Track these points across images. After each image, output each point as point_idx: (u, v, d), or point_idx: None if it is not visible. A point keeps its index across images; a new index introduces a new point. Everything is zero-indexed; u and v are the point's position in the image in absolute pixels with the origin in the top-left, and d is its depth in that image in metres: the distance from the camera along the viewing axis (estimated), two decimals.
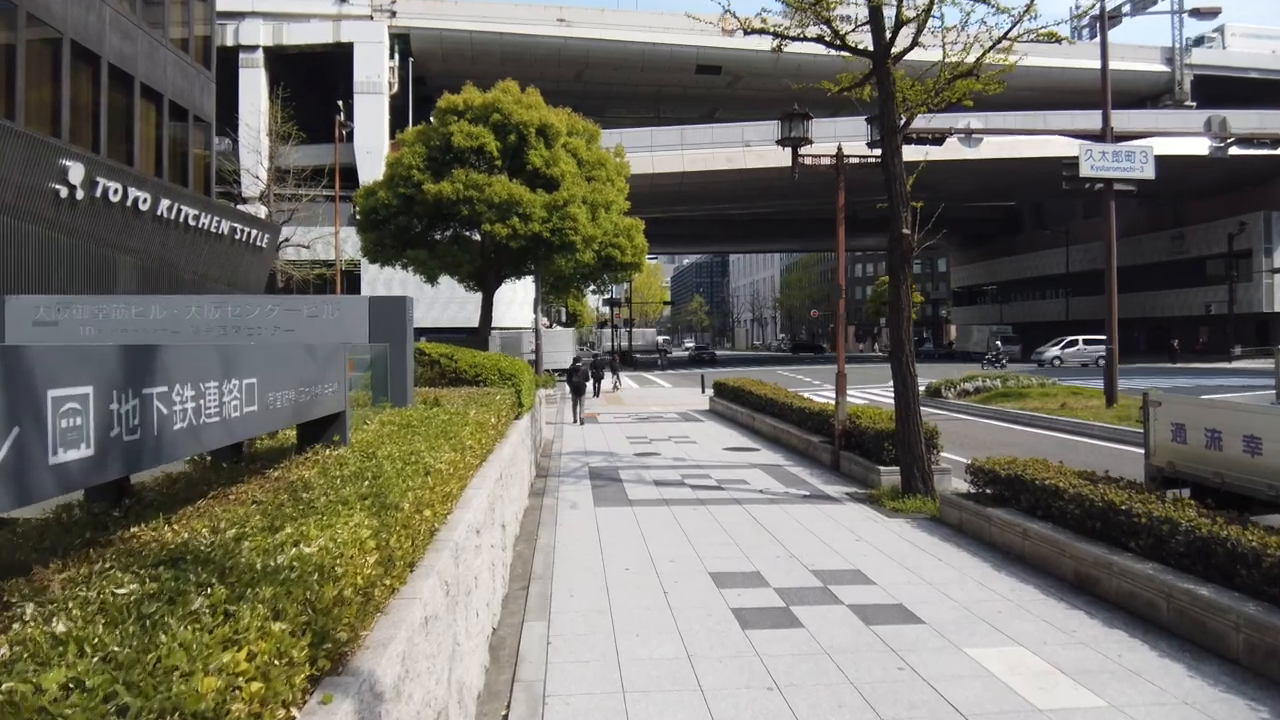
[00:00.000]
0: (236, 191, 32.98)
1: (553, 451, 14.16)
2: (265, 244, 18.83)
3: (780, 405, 15.95)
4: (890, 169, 9.87)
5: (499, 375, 8.99)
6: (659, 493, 10.20)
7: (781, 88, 55.98)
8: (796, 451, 13.99)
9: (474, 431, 5.56)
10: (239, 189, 33.23)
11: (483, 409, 6.54)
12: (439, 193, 22.22)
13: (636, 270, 26.45)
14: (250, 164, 34.32)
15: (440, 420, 5.55)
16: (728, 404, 20.34)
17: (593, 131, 25.97)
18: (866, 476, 11.01)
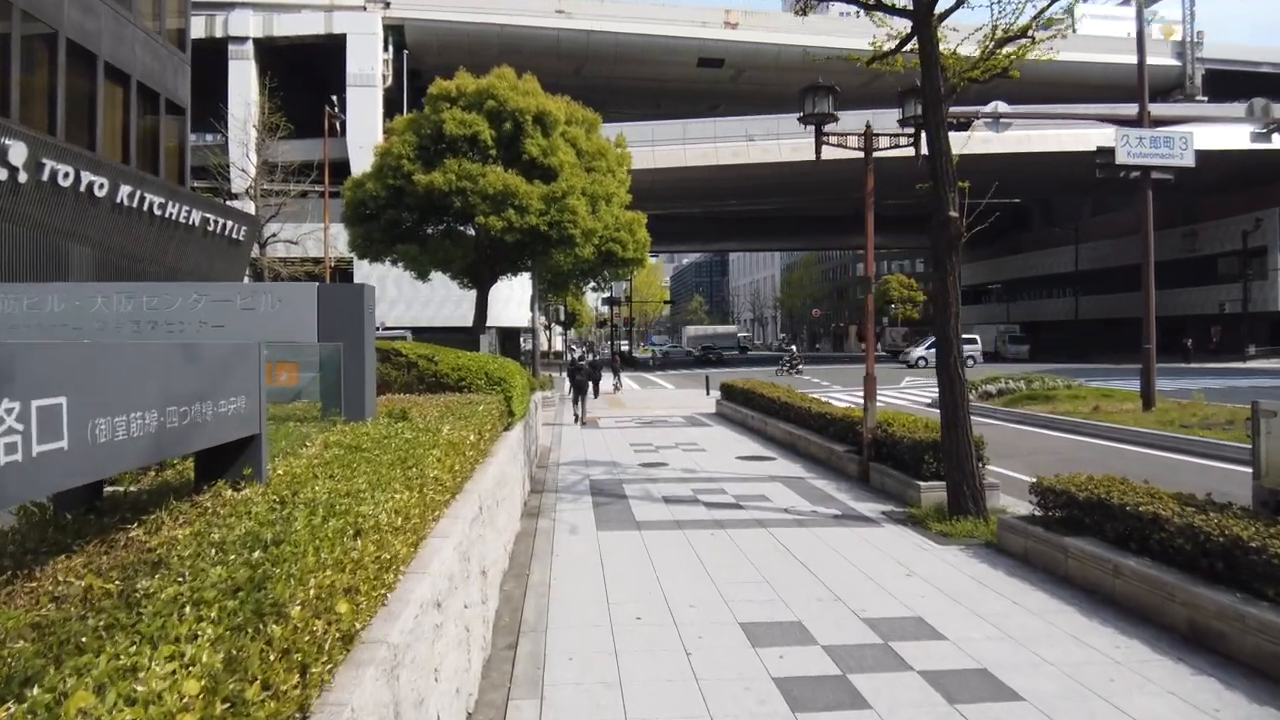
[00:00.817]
0: (226, 187, 31.70)
1: (550, 461, 12.93)
2: (243, 237, 17.58)
3: (797, 410, 14.72)
4: (935, 143, 8.65)
5: (486, 379, 7.75)
6: (669, 512, 8.97)
7: (785, 81, 54.90)
8: (817, 461, 12.76)
9: (445, 455, 4.32)
10: (229, 184, 31.94)
11: (461, 423, 5.31)
12: (430, 183, 20.98)
13: (639, 266, 25.21)
14: (239, 158, 33.07)
15: (401, 441, 4.33)
16: (736, 407, 19.11)
17: (592, 121, 24.73)
18: (903, 492, 9.79)
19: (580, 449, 14.50)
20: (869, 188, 11.46)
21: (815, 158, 11.75)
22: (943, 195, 8.54)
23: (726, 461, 12.93)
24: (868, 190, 11.45)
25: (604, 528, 8.17)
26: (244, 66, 44.33)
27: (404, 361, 7.93)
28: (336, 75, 45.25)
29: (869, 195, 11.44)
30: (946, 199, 8.51)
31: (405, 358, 7.99)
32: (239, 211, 17.83)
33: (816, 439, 13.11)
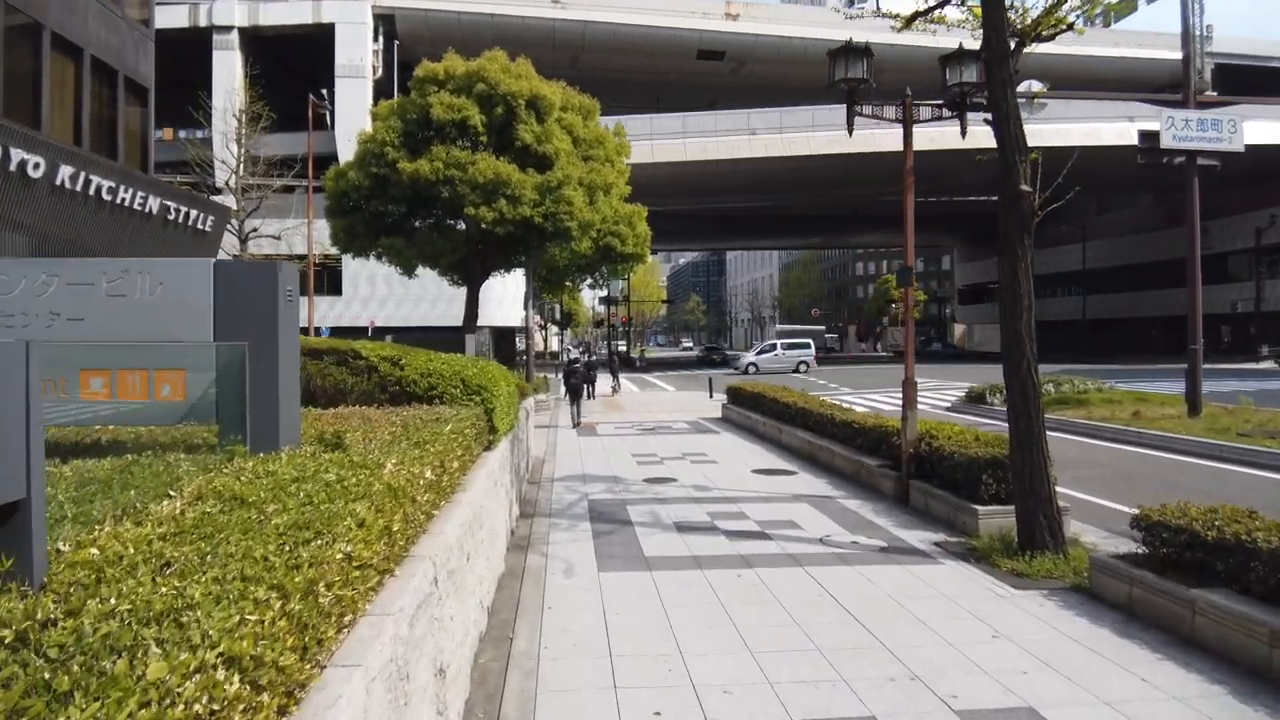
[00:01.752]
0: (209, 181, 30.18)
1: (543, 476, 11.49)
2: (210, 227, 16.13)
3: (816, 417, 13.31)
4: (1001, 106, 7.24)
5: (462, 388, 6.32)
6: (684, 544, 7.54)
7: (787, 75, 53.58)
8: (844, 476, 11.35)
9: (380, 509, 2.90)
10: (211, 179, 30.42)
11: (416, 452, 3.89)
12: (415, 172, 19.56)
13: (639, 262, 23.83)
14: (222, 151, 31.56)
15: (318, 487, 2.92)
16: (745, 412, 17.71)
17: (589, 108, 23.33)
18: (953, 517, 8.38)
19: (577, 461, 13.07)
20: (909, 165, 10.06)
21: (848, 130, 10.21)
22: (1012, 166, 7.14)
23: (741, 476, 11.51)
24: (907, 169, 10.04)
25: (607, 567, 6.74)
26: (228, 57, 42.83)
27: (363, 366, 6.50)
28: (325, 67, 43.76)
29: (908, 174, 10.03)
30: (1016, 169, 7.11)
31: (365, 361, 6.56)
32: (205, 200, 16.39)
33: (842, 451, 11.70)
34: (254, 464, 3.29)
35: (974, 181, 55.71)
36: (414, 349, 7.15)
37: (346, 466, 3.37)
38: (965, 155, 44.42)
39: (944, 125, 40.06)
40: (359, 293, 42.23)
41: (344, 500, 2.82)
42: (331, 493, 2.90)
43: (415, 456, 3.73)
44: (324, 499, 2.82)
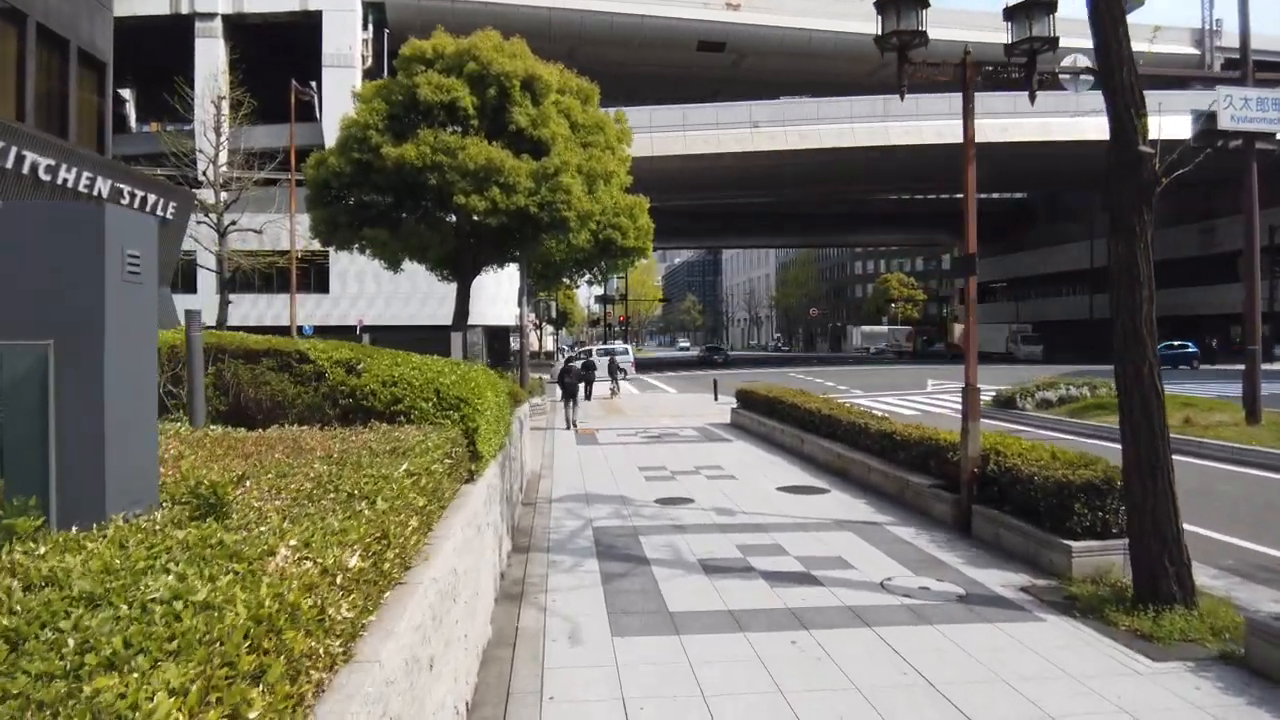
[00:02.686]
0: (192, 174, 28.61)
1: (539, 495, 10.02)
2: (173, 215, 14.62)
3: (846, 426, 11.87)
4: (1111, 48, 5.79)
5: (436, 401, 4.85)
6: (716, 592, 6.09)
7: (789, 68, 52.17)
8: (884, 495, 9.92)
9: (226, 668, 1.40)
10: (193, 171, 28.86)
11: (344, 516, 2.42)
12: (401, 158, 18.06)
13: (640, 256, 22.37)
14: (205, 143, 30.00)
15: (118, 621, 1.44)
16: (759, 418, 16.27)
17: (589, 92, 21.85)
18: (1035, 553, 6.95)
19: (577, 475, 11.60)
20: (969, 133, 8.63)
21: (900, 95, 8.75)
22: (1126, 123, 5.71)
23: (766, 495, 10.07)
24: (968, 137, 8.60)
25: (622, 628, 5.28)
26: (212, 45, 41.28)
27: (309, 372, 5.04)
28: (313, 58, 42.23)
29: (970, 143, 8.60)
30: (1133, 127, 5.68)
31: (312, 365, 5.10)
32: (166, 185, 14.87)
33: (880, 466, 10.27)
34: (29, 557, 1.83)
35: (983, 177, 54.50)
36: (380, 350, 5.71)
37: (207, 555, 1.91)
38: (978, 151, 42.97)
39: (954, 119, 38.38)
40: (348, 290, 40.71)
41: (156, 651, 1.37)
42: (145, 632, 1.44)
43: (337, 531, 2.27)
44: (115, 650, 1.37)
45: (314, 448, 3.74)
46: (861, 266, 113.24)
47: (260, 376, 5.07)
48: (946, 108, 43.61)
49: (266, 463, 3.27)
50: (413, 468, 3.26)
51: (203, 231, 28.38)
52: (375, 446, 3.61)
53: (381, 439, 3.87)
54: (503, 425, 6.12)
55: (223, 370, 5.23)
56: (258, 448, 3.77)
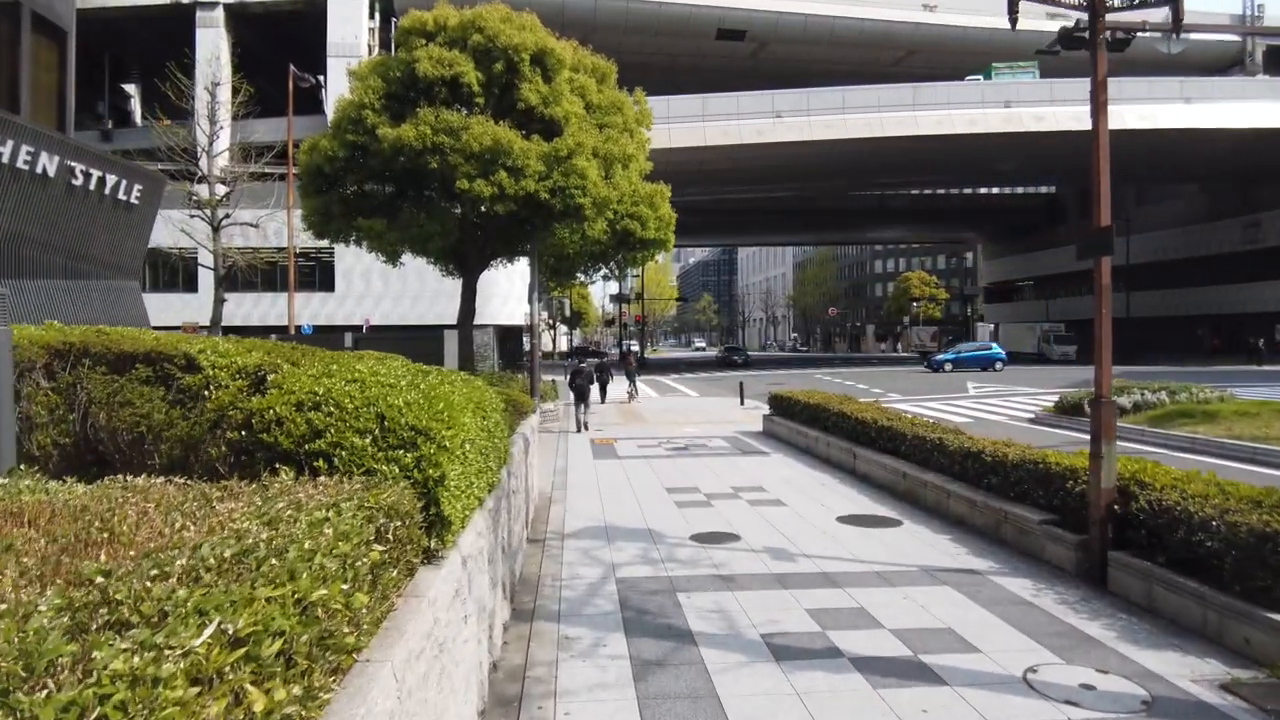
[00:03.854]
0: (192, 169, 27.09)
1: (549, 528, 8.23)
2: (138, 199, 12.98)
3: (914, 441, 10.01)
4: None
5: (377, 437, 3.04)
6: (798, 699, 4.27)
7: (811, 57, 50.16)
8: (970, 529, 8.08)
9: None
10: (194, 165, 27.34)
11: None
12: (399, 139, 16.34)
13: (661, 249, 20.56)
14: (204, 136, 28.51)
15: None
16: (799, 427, 14.41)
17: (605, 70, 20.07)
18: (1220, 627, 5.10)
19: (594, 499, 9.80)
20: (1100, 76, 6.75)
21: (1010, 25, 6.87)
22: None
23: (826, 528, 8.23)
24: (1099, 79, 6.74)
25: None
26: (213, 36, 39.83)
27: (189, 386, 3.26)
28: (318, 48, 40.74)
29: (1102, 85, 6.76)
30: None
31: (201, 374, 3.32)
32: (128, 165, 13.19)
33: (964, 492, 8.41)
34: None
35: (1013, 169, 52.20)
36: (317, 353, 3.93)
37: None
38: (1008, 140, 40.76)
39: (986, 108, 36.22)
40: (353, 289, 39.20)
41: None
42: None
43: None
44: None
45: (116, 537, 1.95)
46: (881, 265, 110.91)
47: (120, 394, 3.31)
48: (979, 96, 41.59)
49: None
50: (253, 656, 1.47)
51: (200, 227, 26.95)
52: (207, 552, 1.80)
53: (224, 537, 2.03)
54: (494, 458, 4.33)
55: (77, 385, 3.47)
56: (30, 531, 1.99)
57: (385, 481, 2.76)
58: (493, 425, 4.28)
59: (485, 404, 4.31)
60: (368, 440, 3.01)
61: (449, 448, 3.10)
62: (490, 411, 4.39)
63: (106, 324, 13.08)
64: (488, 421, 4.12)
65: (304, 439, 2.99)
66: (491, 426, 4.24)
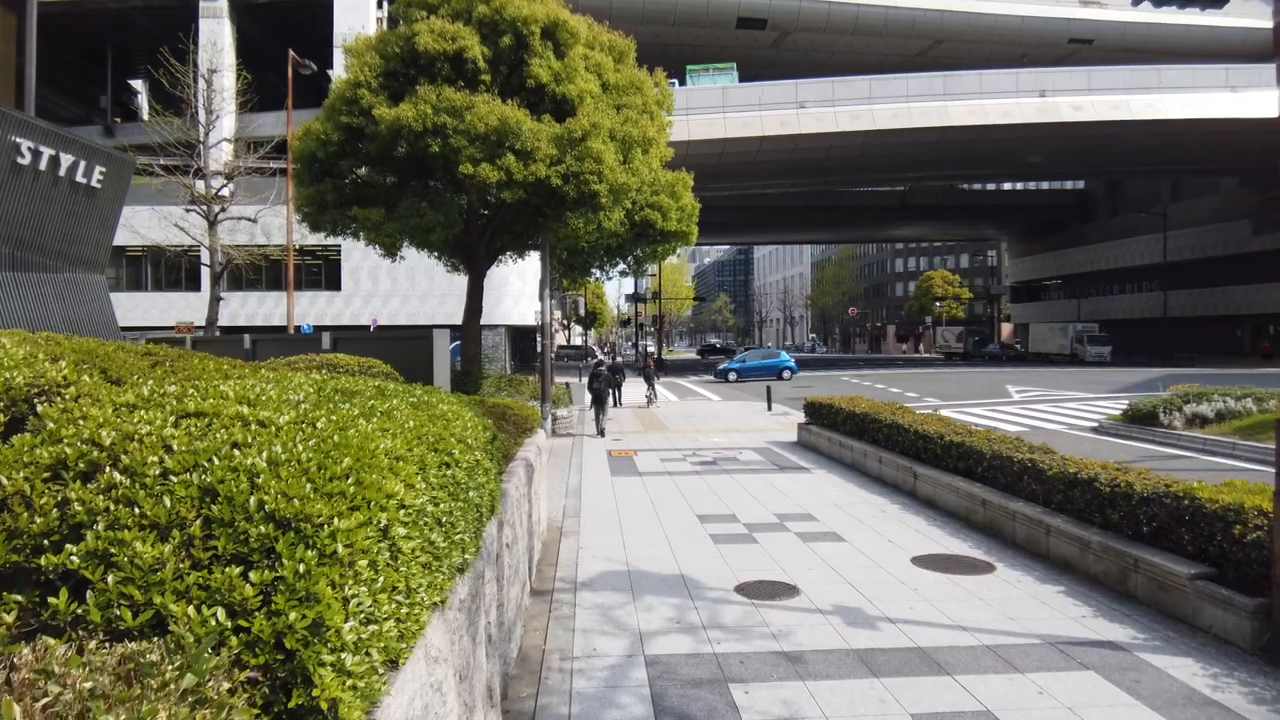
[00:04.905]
0: (197, 165, 25.84)
1: (557, 573, 6.66)
2: (100, 182, 11.55)
3: (993, 461, 8.37)
4: None
5: (192, 543, 1.53)
6: None
7: (834, 47, 48.35)
8: (1087, 579, 6.45)
9: None
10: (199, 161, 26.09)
11: None
12: (397, 119, 14.86)
13: (683, 242, 18.98)
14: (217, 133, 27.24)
15: None
16: (841, 439, 12.78)
17: (623, 49, 18.54)
18: None
19: (614, 532, 8.23)
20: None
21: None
22: None
23: (903, 575, 6.61)
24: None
25: None
26: (217, 27, 38.64)
27: None
28: (325, 40, 39.47)
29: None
30: None
31: None
32: (87, 144, 11.74)
33: (1073, 529, 6.78)
34: None
35: (1041, 163, 50.10)
36: (177, 357, 2.37)
37: None
38: (1043, 131, 38.73)
39: (1020, 97, 34.18)
40: (360, 288, 37.94)
41: None
42: None
43: None
44: None
45: None
46: (902, 264, 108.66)
47: None
48: (1013, 85, 39.70)
49: None
50: None
51: (197, 222, 25.71)
52: None
53: None
54: (470, 518, 2.76)
55: None
56: None
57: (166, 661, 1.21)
58: (466, 471, 2.75)
59: (454, 441, 2.77)
60: (168, 547, 1.47)
61: (341, 556, 1.55)
62: (464, 452, 2.85)
63: (61, 322, 11.61)
64: (455, 469, 2.60)
65: (48, 541, 1.46)
66: (464, 474, 2.71)
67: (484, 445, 3.35)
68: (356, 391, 2.68)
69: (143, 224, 27.51)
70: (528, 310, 37.86)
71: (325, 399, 2.39)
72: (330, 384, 2.69)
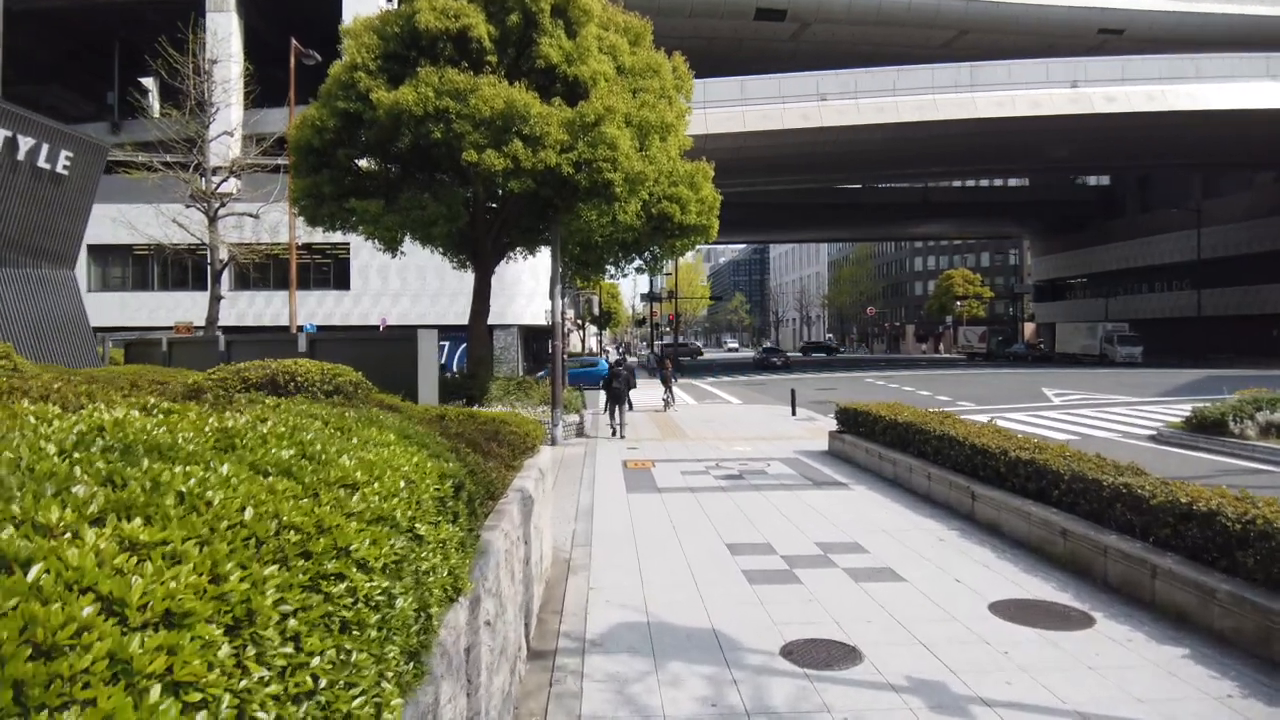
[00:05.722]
0: (197, 159, 24.96)
1: (561, 630, 5.47)
2: (68, 169, 10.53)
3: (1079, 485, 7.14)
4: None
5: None
6: None
7: (855, 38, 46.90)
8: (1212, 636, 5.23)
9: None
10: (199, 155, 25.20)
11: None
12: (395, 103, 13.78)
13: (703, 236, 17.80)
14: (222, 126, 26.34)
15: None
16: (881, 450, 11.57)
17: (639, 30, 17.41)
18: None
19: (629, 568, 7.06)
20: None
21: None
22: None
23: (986, 630, 5.41)
24: None
25: None
26: (224, 19, 37.82)
27: None
28: (333, 34, 38.56)
29: None
30: None
31: None
32: (50, 126, 10.72)
33: (1192, 575, 5.54)
34: None
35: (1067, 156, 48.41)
36: None
37: None
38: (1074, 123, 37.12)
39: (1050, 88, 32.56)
40: (370, 287, 37.03)
41: None
42: None
43: None
44: None
45: None
46: (921, 263, 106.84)
47: None
48: (1043, 75, 38.22)
49: None
50: None
51: (197, 218, 24.81)
52: None
53: None
54: (406, 636, 1.64)
55: None
56: None
57: None
58: (388, 566, 1.61)
59: (354, 531, 1.61)
60: None
61: None
62: (384, 538, 1.70)
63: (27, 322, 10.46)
64: (352, 577, 1.45)
65: None
66: (383, 576, 1.57)
67: (433, 507, 2.21)
68: (171, 451, 1.55)
69: (146, 222, 26.60)
70: (540, 310, 36.80)
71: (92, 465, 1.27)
72: (138, 426, 1.58)
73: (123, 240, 31.83)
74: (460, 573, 2.50)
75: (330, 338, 16.71)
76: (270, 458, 1.74)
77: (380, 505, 1.83)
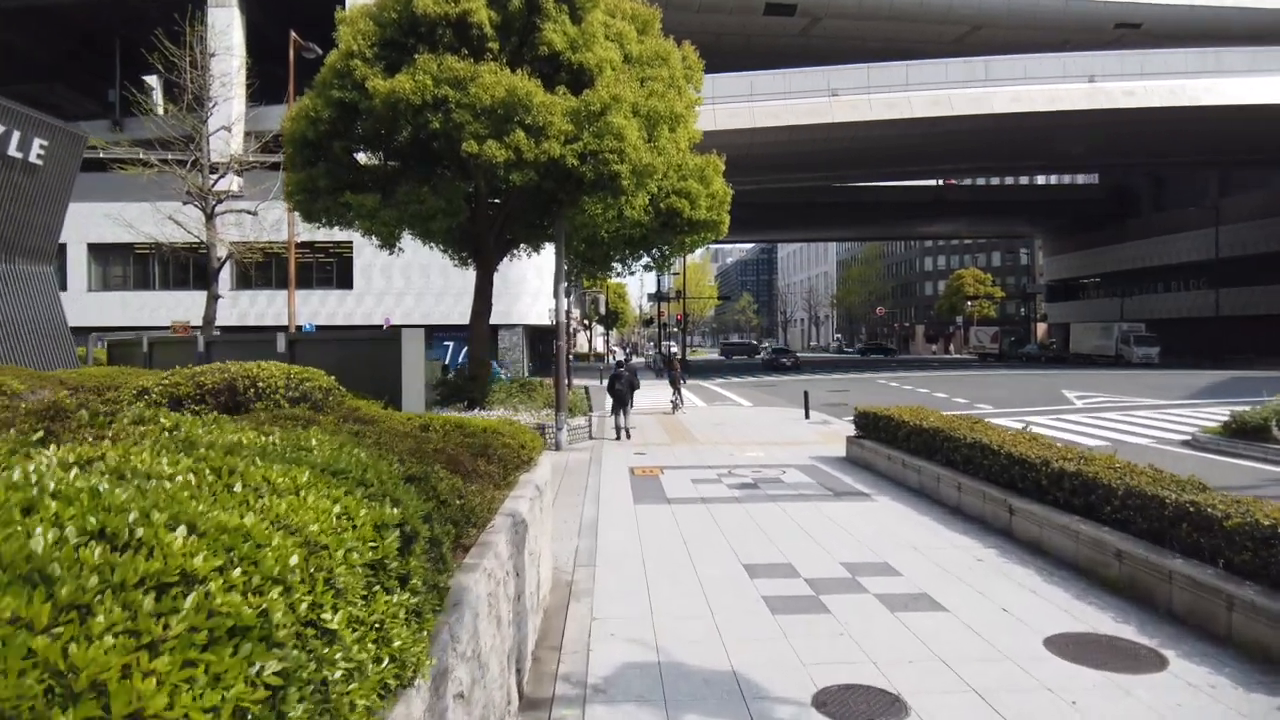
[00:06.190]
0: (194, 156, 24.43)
1: (559, 671, 4.81)
2: (41, 158, 9.93)
3: (1135, 502, 6.44)
4: None
5: None
6: None
7: (865, 34, 46.10)
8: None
9: None
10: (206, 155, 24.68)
11: None
12: (392, 92, 13.16)
13: (714, 233, 17.13)
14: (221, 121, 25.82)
15: None
16: (905, 458, 10.89)
17: (647, 18, 16.75)
18: None
19: (637, 594, 6.39)
20: None
21: None
22: None
23: (1045, 674, 4.73)
24: None
25: None
26: (226, 15, 37.31)
27: None
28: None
29: None
30: None
31: None
32: (20, 112, 10.12)
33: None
34: None
35: (1083, 154, 47.51)
36: None
37: None
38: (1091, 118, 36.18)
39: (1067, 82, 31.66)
40: (373, 286, 36.51)
41: None
42: None
43: None
44: None
45: None
46: (931, 262, 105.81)
47: None
48: (1059, 69, 37.38)
49: None
50: None
51: (195, 215, 24.26)
52: None
53: None
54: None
55: None
56: None
57: None
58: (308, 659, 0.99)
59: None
60: None
61: None
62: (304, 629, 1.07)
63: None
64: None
65: None
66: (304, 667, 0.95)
67: (360, 579, 1.57)
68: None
69: (144, 220, 26.03)
70: (546, 309, 36.16)
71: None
72: None
73: (123, 239, 31.36)
74: (411, 654, 1.85)
75: (312, 338, 16.06)
76: (12, 550, 1.07)
77: (237, 608, 1.15)
